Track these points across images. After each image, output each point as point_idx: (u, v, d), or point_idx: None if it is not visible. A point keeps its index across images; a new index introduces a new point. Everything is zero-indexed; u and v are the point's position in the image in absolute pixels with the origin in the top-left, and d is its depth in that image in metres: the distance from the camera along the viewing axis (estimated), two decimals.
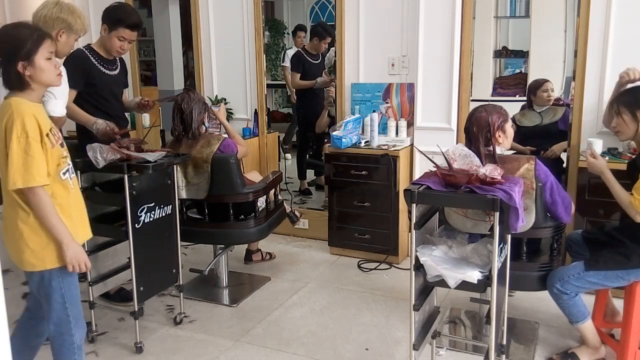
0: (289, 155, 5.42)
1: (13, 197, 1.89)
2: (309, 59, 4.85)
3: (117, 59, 3.15)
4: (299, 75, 4.84)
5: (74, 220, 2.00)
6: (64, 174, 1.97)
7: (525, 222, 2.25)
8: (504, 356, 2.21)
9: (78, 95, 2.96)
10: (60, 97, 2.53)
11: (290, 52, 5.46)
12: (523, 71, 4.36)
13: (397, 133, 3.79)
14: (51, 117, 2.49)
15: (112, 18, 2.99)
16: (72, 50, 2.86)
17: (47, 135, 1.89)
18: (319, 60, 4.89)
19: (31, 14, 2.71)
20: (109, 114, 3.05)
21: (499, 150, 2.36)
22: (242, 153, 3.22)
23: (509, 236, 2.13)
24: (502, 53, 4.46)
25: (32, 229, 1.91)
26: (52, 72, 1.95)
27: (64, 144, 2.02)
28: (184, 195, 3.09)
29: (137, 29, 3.06)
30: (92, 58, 3.02)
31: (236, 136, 3.40)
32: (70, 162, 2.04)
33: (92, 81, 3.00)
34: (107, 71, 3.06)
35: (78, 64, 2.96)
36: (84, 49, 3.04)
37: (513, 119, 3.61)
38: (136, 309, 2.68)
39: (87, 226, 2.12)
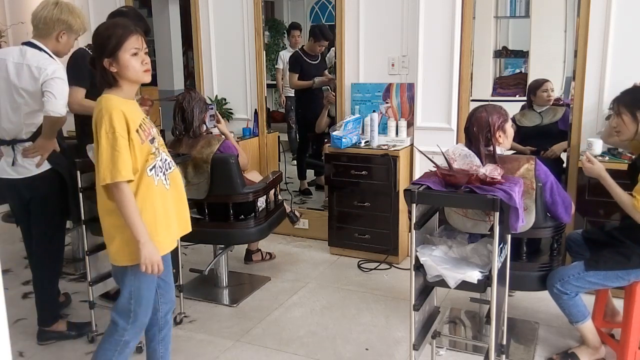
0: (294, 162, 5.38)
1: (104, 193, 1.92)
2: (307, 59, 4.84)
3: None
4: (297, 75, 4.84)
5: (158, 218, 1.96)
6: (150, 170, 1.94)
7: (525, 222, 2.25)
8: (504, 356, 2.21)
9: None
10: (60, 97, 2.53)
11: (283, 54, 5.47)
12: (523, 71, 4.36)
13: (397, 133, 3.79)
14: (50, 117, 2.50)
15: None
16: (71, 50, 2.86)
17: (137, 131, 1.89)
18: (317, 61, 4.88)
19: (31, 13, 2.71)
20: None
21: (499, 150, 2.36)
22: (242, 165, 3.20)
23: (509, 236, 2.13)
24: (502, 53, 4.46)
25: (116, 226, 1.93)
26: (138, 68, 1.93)
27: (155, 139, 1.99)
28: None
29: (146, 34, 3.07)
30: None
31: (239, 148, 3.38)
32: (163, 158, 2.01)
33: (94, 81, 2.99)
34: None
35: (81, 61, 2.95)
36: (85, 48, 3.04)
37: (513, 119, 3.62)
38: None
39: (183, 222, 2.10)
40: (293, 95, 5.25)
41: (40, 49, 2.63)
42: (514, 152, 3.47)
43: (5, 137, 2.65)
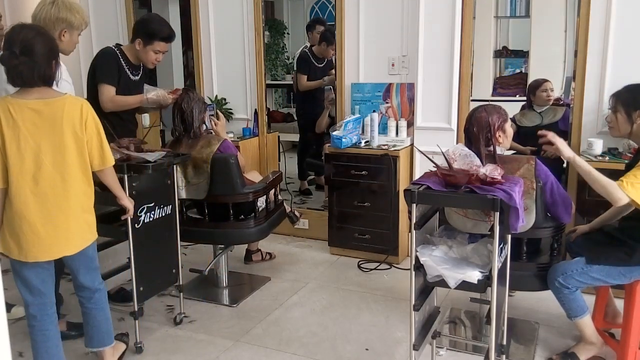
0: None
1: (87, 177, 2.18)
2: (315, 62, 4.79)
3: (141, 64, 3.15)
4: (305, 77, 4.79)
5: None
6: None
7: (526, 222, 2.25)
8: (504, 356, 2.22)
9: (92, 94, 2.98)
10: None
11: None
12: (523, 71, 4.36)
13: (397, 133, 3.79)
14: None
15: (146, 32, 2.99)
16: (76, 46, 2.83)
17: None
18: (324, 64, 4.82)
19: (31, 13, 2.70)
20: (122, 117, 3.06)
21: (499, 150, 2.36)
22: (241, 165, 3.19)
23: (509, 236, 2.13)
24: (502, 53, 4.46)
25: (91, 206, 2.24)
26: None
27: None
28: (183, 195, 3.09)
29: (171, 40, 3.08)
30: (121, 59, 3.02)
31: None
32: None
33: (118, 81, 3.01)
34: (132, 76, 3.07)
35: (112, 60, 2.98)
36: (114, 48, 3.05)
37: (513, 119, 3.62)
38: (136, 309, 2.68)
39: None
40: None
41: None
42: (514, 152, 3.47)
43: None
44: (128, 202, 2.42)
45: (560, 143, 2.35)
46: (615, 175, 2.43)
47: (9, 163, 2.03)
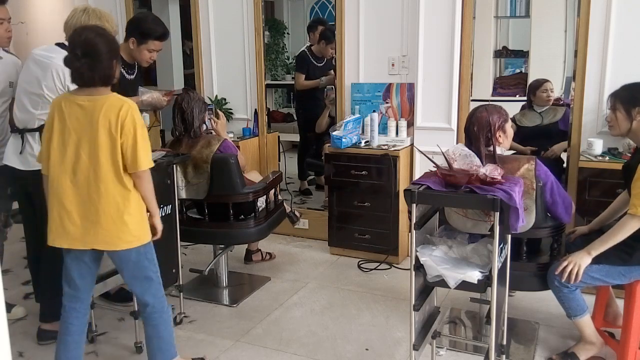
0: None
1: (120, 179, 2.13)
2: (313, 61, 4.79)
3: (136, 63, 3.16)
4: (303, 76, 4.79)
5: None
6: None
7: (526, 222, 2.25)
8: (504, 356, 2.22)
9: None
10: None
11: None
12: (523, 71, 4.36)
13: (397, 133, 3.79)
14: None
15: (140, 31, 3.00)
16: None
17: None
18: (323, 64, 4.82)
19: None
20: None
21: (499, 150, 2.36)
22: (241, 165, 3.20)
23: (509, 236, 2.13)
24: (502, 53, 4.46)
25: (140, 205, 2.20)
26: None
27: None
28: (183, 195, 3.09)
29: (165, 38, 3.09)
30: None
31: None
32: None
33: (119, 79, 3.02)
34: (127, 75, 3.07)
35: None
36: None
37: (513, 119, 3.62)
38: (136, 309, 2.67)
39: None
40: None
41: None
42: (514, 152, 3.47)
43: (18, 125, 2.70)
44: (159, 223, 2.29)
45: (575, 263, 2.33)
46: (615, 175, 2.43)
47: (52, 153, 2.12)
